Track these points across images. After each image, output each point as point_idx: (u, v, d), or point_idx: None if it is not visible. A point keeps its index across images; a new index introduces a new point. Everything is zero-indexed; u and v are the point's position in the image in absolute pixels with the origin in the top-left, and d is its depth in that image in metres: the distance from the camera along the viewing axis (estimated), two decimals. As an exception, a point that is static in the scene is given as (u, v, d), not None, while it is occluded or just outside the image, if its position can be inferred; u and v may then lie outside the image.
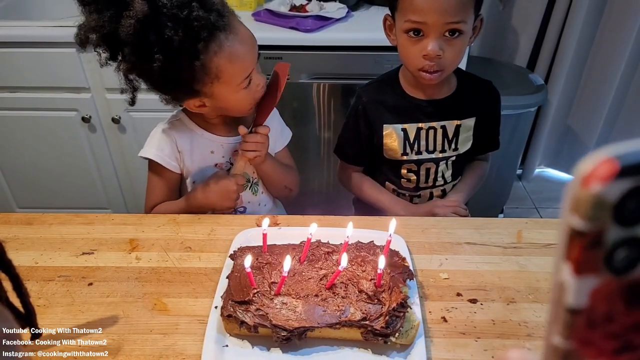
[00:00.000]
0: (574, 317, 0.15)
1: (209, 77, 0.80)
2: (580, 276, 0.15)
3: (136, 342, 0.63)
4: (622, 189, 0.14)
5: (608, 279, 0.15)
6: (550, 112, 2.05)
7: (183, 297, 0.70)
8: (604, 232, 0.14)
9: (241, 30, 0.82)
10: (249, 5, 1.62)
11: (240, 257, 0.69)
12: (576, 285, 0.15)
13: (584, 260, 0.15)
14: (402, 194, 1.08)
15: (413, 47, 0.90)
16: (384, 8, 1.67)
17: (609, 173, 0.14)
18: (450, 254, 0.78)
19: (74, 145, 1.67)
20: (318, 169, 1.76)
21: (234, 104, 0.87)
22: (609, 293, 0.15)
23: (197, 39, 0.75)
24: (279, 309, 0.62)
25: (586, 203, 0.14)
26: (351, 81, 1.54)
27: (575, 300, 0.15)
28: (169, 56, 0.74)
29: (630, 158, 0.14)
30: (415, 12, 0.86)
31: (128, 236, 0.82)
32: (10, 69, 1.52)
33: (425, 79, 0.92)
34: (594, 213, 0.14)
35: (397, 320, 0.61)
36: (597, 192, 0.14)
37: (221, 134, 0.95)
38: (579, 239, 0.15)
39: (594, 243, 0.15)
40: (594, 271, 0.15)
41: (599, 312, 0.15)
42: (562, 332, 0.16)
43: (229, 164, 0.97)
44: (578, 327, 0.16)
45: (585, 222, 0.14)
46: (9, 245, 0.80)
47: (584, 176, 0.14)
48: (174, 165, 0.93)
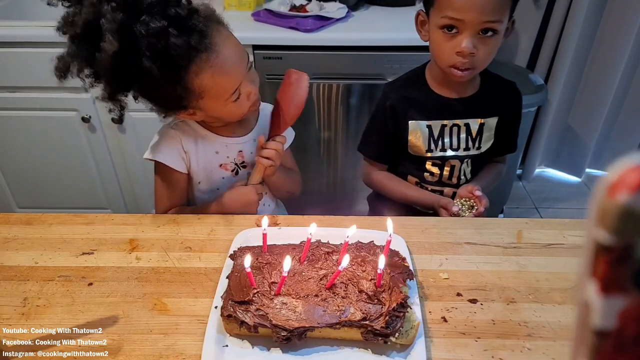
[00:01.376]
0: (601, 340, 0.14)
1: (193, 96, 0.80)
2: (608, 295, 0.14)
3: (136, 342, 0.63)
4: None
5: (638, 299, 0.14)
6: (550, 112, 2.05)
7: (183, 297, 0.70)
8: (633, 246, 0.13)
9: (227, 45, 0.79)
10: (249, 5, 1.62)
11: (240, 257, 0.69)
12: (603, 305, 0.14)
13: (611, 278, 0.14)
14: (425, 187, 1.09)
15: (447, 44, 0.90)
16: (383, 8, 1.68)
17: (638, 181, 0.12)
18: (451, 254, 0.78)
19: (73, 146, 1.67)
20: (318, 169, 1.76)
21: (224, 114, 0.87)
22: (639, 314, 0.14)
23: (178, 66, 0.75)
24: (279, 309, 0.62)
25: (613, 214, 0.13)
26: (351, 81, 1.54)
27: (603, 322, 0.14)
28: (149, 85, 0.76)
29: None
30: (453, 8, 0.86)
31: (128, 236, 0.82)
32: (10, 69, 1.52)
33: (457, 75, 0.92)
34: (621, 225, 0.13)
35: (397, 320, 0.61)
36: (625, 202, 0.13)
37: (225, 135, 0.95)
38: (606, 254, 0.13)
39: (622, 258, 0.13)
40: (622, 290, 0.14)
41: (629, 334, 0.14)
42: (588, 355, 0.15)
43: (233, 165, 0.97)
44: (606, 351, 0.14)
45: (612, 236, 0.13)
46: (9, 245, 0.80)
47: (611, 185, 0.13)
48: (182, 166, 0.92)
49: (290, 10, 1.54)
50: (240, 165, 0.98)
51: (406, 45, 1.47)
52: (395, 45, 1.47)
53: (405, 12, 1.64)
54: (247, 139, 0.97)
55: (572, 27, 1.84)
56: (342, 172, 1.78)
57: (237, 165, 0.97)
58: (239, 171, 0.98)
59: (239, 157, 0.97)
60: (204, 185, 0.97)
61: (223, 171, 0.96)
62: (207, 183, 0.97)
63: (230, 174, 0.97)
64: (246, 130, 0.97)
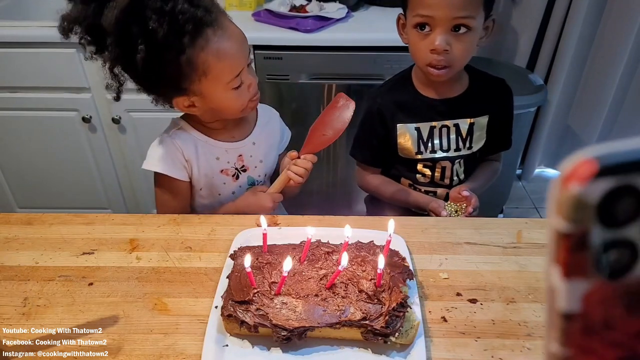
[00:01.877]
0: (568, 323, 0.15)
1: (196, 74, 0.79)
2: (570, 279, 0.15)
3: (136, 342, 0.64)
4: (603, 189, 0.13)
5: (601, 283, 0.14)
6: (550, 112, 2.05)
7: (183, 297, 0.70)
8: (588, 233, 0.14)
9: (230, 28, 0.81)
10: (249, 6, 1.62)
11: (241, 257, 0.69)
12: (567, 289, 0.15)
13: (572, 263, 0.14)
14: (418, 189, 1.09)
15: (421, 42, 0.91)
16: (383, 8, 1.68)
17: (588, 173, 0.13)
18: (450, 254, 0.78)
19: (74, 146, 1.68)
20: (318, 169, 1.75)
21: (224, 103, 0.85)
22: (604, 298, 0.15)
23: (182, 32, 0.74)
24: (279, 308, 0.62)
25: (567, 204, 0.14)
26: (351, 81, 1.54)
27: (568, 305, 0.15)
28: (153, 49, 0.74)
29: (610, 158, 0.13)
30: (423, 6, 0.87)
31: (128, 236, 0.82)
32: (10, 69, 1.52)
33: (434, 74, 0.92)
34: (575, 214, 0.14)
35: (397, 320, 0.61)
36: (577, 192, 0.14)
37: (224, 140, 0.94)
38: (565, 241, 0.14)
39: (580, 245, 0.14)
40: (583, 274, 0.14)
41: (596, 318, 0.15)
42: (558, 338, 0.15)
43: (234, 169, 0.96)
44: (574, 333, 0.15)
45: (569, 224, 0.14)
46: (10, 245, 0.80)
47: (565, 177, 0.14)
48: (184, 175, 0.92)
49: (290, 10, 1.54)
50: (241, 170, 0.97)
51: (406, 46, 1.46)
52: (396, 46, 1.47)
53: (405, 12, 1.64)
54: (246, 143, 0.96)
55: (572, 27, 1.84)
56: (342, 172, 1.78)
57: (238, 170, 0.97)
58: (239, 176, 0.97)
59: (239, 161, 0.96)
60: (205, 192, 0.96)
61: (224, 176, 0.96)
62: (208, 189, 0.96)
63: (231, 178, 0.97)
64: (245, 134, 0.97)
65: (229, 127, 0.95)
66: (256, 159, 0.98)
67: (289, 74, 1.52)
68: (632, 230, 0.14)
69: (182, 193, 0.94)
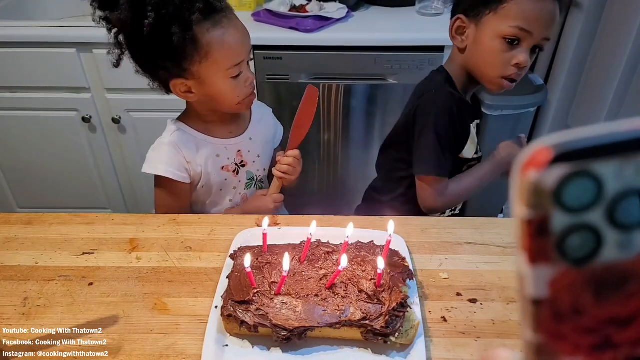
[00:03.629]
0: (537, 309, 0.15)
1: (197, 54, 0.80)
2: (535, 265, 0.15)
3: (136, 342, 0.64)
4: (558, 175, 0.14)
5: (565, 269, 0.15)
6: (550, 112, 2.05)
7: (183, 297, 0.70)
8: (549, 218, 0.14)
9: (237, 21, 0.84)
10: (249, 6, 1.62)
11: (241, 257, 0.69)
12: (532, 274, 0.15)
13: (535, 249, 0.15)
14: None
15: (504, 54, 0.89)
16: (384, 8, 1.68)
17: (544, 160, 0.14)
18: (450, 254, 0.78)
19: (74, 145, 1.68)
20: (318, 169, 1.76)
21: (221, 91, 0.86)
22: (571, 284, 0.15)
23: (193, 9, 0.77)
24: (279, 308, 0.62)
25: (526, 190, 0.14)
26: (351, 81, 1.54)
27: (535, 291, 0.15)
28: (162, 19, 0.75)
29: (565, 146, 0.14)
30: (526, 19, 0.85)
31: (128, 236, 0.82)
32: (10, 69, 1.52)
33: (505, 86, 0.93)
34: (534, 200, 0.14)
35: (397, 320, 0.61)
36: (534, 179, 0.14)
37: (223, 137, 0.95)
38: (527, 227, 0.15)
39: (541, 230, 0.15)
40: (547, 259, 0.15)
41: (564, 303, 0.15)
42: (530, 325, 0.16)
43: (234, 165, 0.97)
44: (544, 320, 0.15)
45: (529, 210, 0.15)
46: (10, 245, 0.80)
47: (524, 164, 0.14)
48: (185, 177, 0.92)
49: (290, 10, 1.54)
50: (240, 165, 0.98)
51: (406, 46, 1.47)
52: (395, 46, 1.48)
53: (405, 12, 1.64)
54: (243, 138, 0.98)
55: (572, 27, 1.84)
56: (342, 172, 1.78)
57: (237, 165, 0.98)
58: (239, 171, 0.98)
59: (238, 156, 0.97)
60: (206, 189, 0.97)
61: (225, 173, 0.97)
62: (208, 186, 0.97)
63: (231, 174, 0.98)
64: (242, 129, 0.98)
65: (226, 122, 0.96)
66: (254, 153, 1.00)
67: (289, 74, 1.52)
68: (593, 215, 0.14)
69: (184, 194, 0.95)
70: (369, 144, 1.69)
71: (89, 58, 1.49)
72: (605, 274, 0.15)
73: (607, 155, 0.14)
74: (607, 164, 0.14)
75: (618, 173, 0.14)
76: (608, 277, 0.15)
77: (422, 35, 1.48)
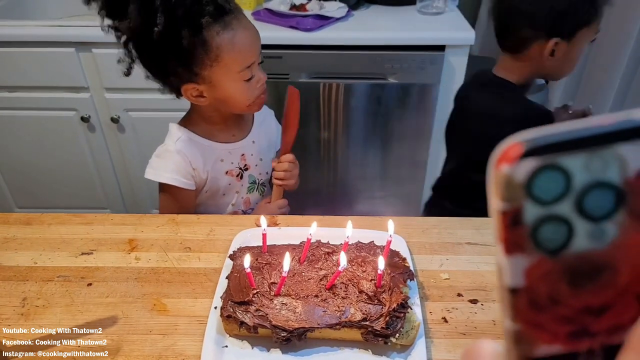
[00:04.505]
0: (515, 297, 0.16)
1: (208, 58, 0.80)
2: (511, 255, 0.16)
3: (135, 342, 0.63)
4: (528, 168, 0.15)
5: (540, 258, 0.15)
6: (550, 111, 2.05)
7: (182, 298, 0.70)
8: (521, 210, 0.15)
9: (246, 22, 0.83)
10: (249, 5, 1.62)
11: (240, 258, 0.68)
12: (509, 264, 0.16)
13: (510, 240, 0.15)
14: None
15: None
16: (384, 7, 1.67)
17: (515, 155, 0.15)
18: (451, 254, 0.78)
19: (73, 145, 1.67)
20: (318, 169, 1.76)
21: (232, 95, 0.86)
22: (546, 273, 0.16)
23: (202, 12, 0.76)
24: (279, 309, 0.62)
25: (500, 183, 0.15)
26: (351, 81, 1.54)
27: (512, 280, 0.16)
28: (172, 22, 0.75)
29: (534, 141, 0.15)
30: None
31: (127, 236, 0.82)
32: (8, 68, 1.52)
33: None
34: (508, 192, 0.15)
35: (398, 321, 0.61)
36: (507, 172, 0.15)
37: (226, 141, 0.95)
38: (503, 218, 0.15)
39: (515, 222, 0.15)
40: (522, 250, 0.15)
41: (541, 293, 0.16)
42: (509, 314, 0.16)
43: (238, 169, 0.97)
44: (522, 308, 0.16)
45: (503, 202, 0.15)
46: (8, 245, 0.79)
47: (497, 159, 0.15)
48: (191, 184, 0.92)
49: (291, 9, 1.53)
50: (244, 169, 0.98)
51: (406, 45, 1.46)
52: (396, 45, 1.47)
53: (406, 11, 1.64)
54: (247, 141, 0.97)
55: (572, 27, 1.83)
56: (342, 172, 1.78)
57: (241, 169, 0.98)
58: (243, 175, 0.98)
59: (241, 160, 0.97)
60: (209, 193, 0.97)
61: (229, 177, 0.97)
62: (212, 191, 0.97)
63: (235, 178, 0.98)
64: (244, 133, 0.98)
65: (230, 125, 0.95)
66: (256, 157, 0.99)
67: (289, 73, 1.51)
68: (563, 207, 0.15)
69: (188, 200, 0.95)
70: (369, 144, 1.68)
71: (88, 57, 1.49)
72: (578, 263, 0.15)
73: (575, 149, 0.15)
74: (575, 157, 0.15)
75: (585, 166, 0.15)
76: (581, 267, 0.15)
77: (423, 35, 1.48)
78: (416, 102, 1.58)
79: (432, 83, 1.51)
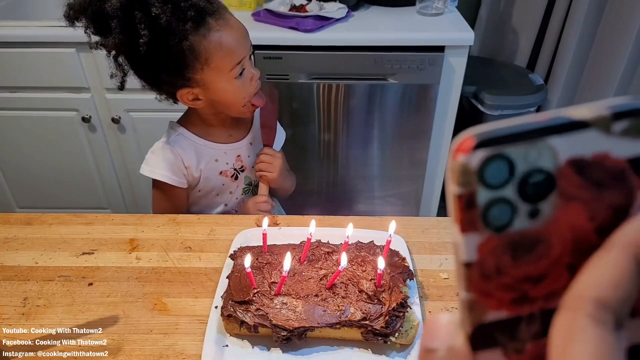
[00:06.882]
0: (468, 270, 0.18)
1: (198, 62, 0.80)
2: (465, 234, 0.18)
3: (136, 342, 0.63)
4: (480, 157, 0.17)
5: (489, 235, 0.18)
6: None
7: (183, 297, 0.70)
8: (474, 194, 0.17)
9: (232, 20, 0.83)
10: (249, 5, 1.62)
11: (240, 257, 0.69)
12: (463, 241, 0.18)
13: (465, 220, 0.18)
14: None
15: None
16: (384, 8, 1.67)
17: (469, 146, 0.17)
18: (451, 254, 0.78)
19: (73, 145, 1.67)
20: (318, 169, 1.76)
21: (227, 95, 0.86)
22: (493, 248, 0.18)
23: (185, 19, 0.76)
24: (279, 308, 0.62)
25: (456, 171, 0.17)
26: (351, 81, 1.54)
27: (466, 255, 0.18)
28: (156, 34, 0.74)
29: (484, 134, 0.17)
30: None
31: (128, 236, 0.82)
32: (10, 69, 1.52)
33: None
34: (463, 179, 0.17)
35: (397, 320, 0.61)
36: (462, 161, 0.17)
37: (222, 142, 0.95)
38: (458, 202, 0.17)
39: (469, 204, 0.17)
40: (475, 229, 0.18)
41: (489, 265, 0.18)
42: (463, 285, 0.18)
43: (232, 170, 0.97)
44: (474, 280, 0.18)
45: (459, 187, 0.17)
46: (9, 245, 0.80)
47: (454, 149, 0.17)
48: (182, 182, 0.92)
49: (290, 10, 1.54)
50: (239, 170, 0.98)
51: (406, 46, 1.46)
52: (396, 45, 1.47)
53: (406, 11, 1.64)
54: (243, 143, 0.97)
55: (572, 27, 1.84)
56: (342, 172, 1.78)
57: (237, 170, 0.98)
58: (237, 176, 0.98)
59: (237, 162, 0.97)
60: (202, 193, 0.97)
61: (223, 178, 0.97)
62: (205, 190, 0.97)
63: (229, 179, 0.97)
64: (242, 134, 0.98)
65: (228, 125, 0.95)
66: (253, 159, 0.99)
67: (289, 74, 1.52)
68: (507, 190, 0.17)
69: (180, 198, 0.95)
70: (369, 144, 1.69)
71: (89, 58, 1.49)
72: (519, 239, 0.18)
73: (517, 141, 0.17)
74: (516, 148, 0.17)
75: (524, 155, 0.17)
76: (522, 242, 0.18)
77: (423, 35, 1.48)
78: (416, 103, 1.58)
79: (431, 83, 1.51)
